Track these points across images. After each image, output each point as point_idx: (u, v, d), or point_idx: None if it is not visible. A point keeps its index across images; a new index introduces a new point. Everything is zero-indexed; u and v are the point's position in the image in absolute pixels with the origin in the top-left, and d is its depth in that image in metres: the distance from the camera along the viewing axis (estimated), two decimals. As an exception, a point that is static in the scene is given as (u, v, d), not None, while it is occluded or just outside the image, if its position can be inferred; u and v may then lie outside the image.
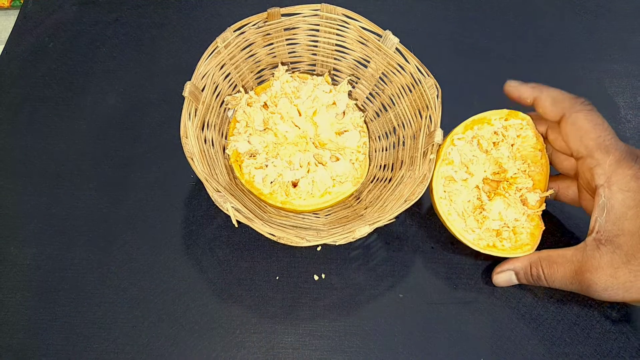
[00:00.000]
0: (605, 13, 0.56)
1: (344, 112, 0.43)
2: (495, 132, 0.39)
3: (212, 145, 0.40)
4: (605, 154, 0.34)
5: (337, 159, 0.40)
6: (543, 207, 0.39)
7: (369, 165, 0.43)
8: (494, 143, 0.40)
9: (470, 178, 0.39)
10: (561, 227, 0.43)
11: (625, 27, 0.55)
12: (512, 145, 0.39)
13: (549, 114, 0.37)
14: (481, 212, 0.38)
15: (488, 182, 0.40)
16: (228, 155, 0.40)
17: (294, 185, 0.39)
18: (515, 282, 0.38)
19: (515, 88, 0.39)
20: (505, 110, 0.39)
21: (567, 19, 0.55)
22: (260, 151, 0.40)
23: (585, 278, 0.33)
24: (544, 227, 0.38)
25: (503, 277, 0.38)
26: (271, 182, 0.39)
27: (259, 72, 0.44)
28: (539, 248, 0.38)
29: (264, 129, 0.41)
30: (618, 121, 0.49)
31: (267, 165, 0.39)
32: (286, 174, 0.39)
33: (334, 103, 0.42)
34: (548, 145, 0.39)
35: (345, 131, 0.42)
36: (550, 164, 0.40)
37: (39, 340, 0.37)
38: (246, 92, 0.43)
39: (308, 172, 0.39)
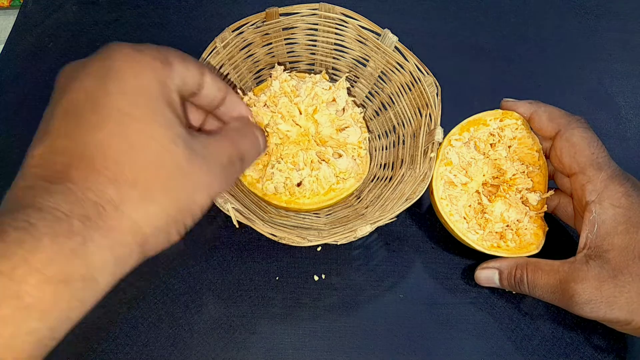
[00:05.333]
0: (605, 13, 0.56)
1: (343, 109, 0.42)
2: (491, 134, 0.39)
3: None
4: (598, 170, 0.34)
5: (340, 155, 0.40)
6: (545, 208, 0.39)
7: (370, 163, 0.43)
8: (491, 145, 0.39)
9: (470, 182, 0.39)
10: (563, 230, 0.43)
11: (625, 27, 0.55)
12: (509, 147, 0.39)
13: (545, 129, 0.37)
14: (483, 216, 0.38)
15: (488, 187, 0.40)
16: None
17: (298, 184, 0.39)
18: (497, 282, 0.38)
19: (512, 104, 0.39)
20: (499, 111, 0.39)
21: (567, 18, 0.55)
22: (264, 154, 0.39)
23: (569, 287, 0.33)
24: (547, 228, 0.38)
25: (486, 273, 0.38)
26: (283, 187, 0.38)
27: (257, 72, 0.44)
28: (544, 249, 0.37)
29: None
30: (619, 121, 0.49)
31: (272, 173, 0.38)
32: (293, 177, 0.38)
33: (334, 100, 0.42)
34: (548, 162, 0.39)
35: (346, 127, 0.42)
36: (553, 179, 0.40)
37: (38, 340, 0.37)
38: (244, 94, 0.42)
39: (312, 170, 0.39)
